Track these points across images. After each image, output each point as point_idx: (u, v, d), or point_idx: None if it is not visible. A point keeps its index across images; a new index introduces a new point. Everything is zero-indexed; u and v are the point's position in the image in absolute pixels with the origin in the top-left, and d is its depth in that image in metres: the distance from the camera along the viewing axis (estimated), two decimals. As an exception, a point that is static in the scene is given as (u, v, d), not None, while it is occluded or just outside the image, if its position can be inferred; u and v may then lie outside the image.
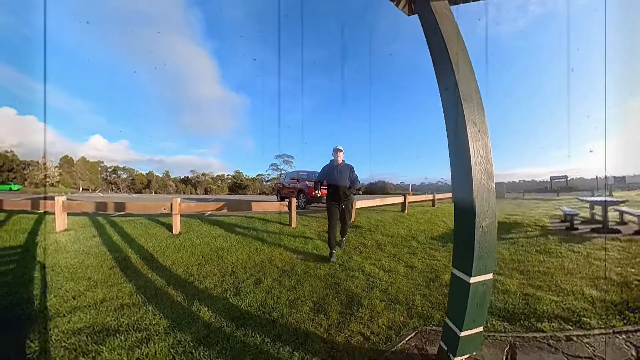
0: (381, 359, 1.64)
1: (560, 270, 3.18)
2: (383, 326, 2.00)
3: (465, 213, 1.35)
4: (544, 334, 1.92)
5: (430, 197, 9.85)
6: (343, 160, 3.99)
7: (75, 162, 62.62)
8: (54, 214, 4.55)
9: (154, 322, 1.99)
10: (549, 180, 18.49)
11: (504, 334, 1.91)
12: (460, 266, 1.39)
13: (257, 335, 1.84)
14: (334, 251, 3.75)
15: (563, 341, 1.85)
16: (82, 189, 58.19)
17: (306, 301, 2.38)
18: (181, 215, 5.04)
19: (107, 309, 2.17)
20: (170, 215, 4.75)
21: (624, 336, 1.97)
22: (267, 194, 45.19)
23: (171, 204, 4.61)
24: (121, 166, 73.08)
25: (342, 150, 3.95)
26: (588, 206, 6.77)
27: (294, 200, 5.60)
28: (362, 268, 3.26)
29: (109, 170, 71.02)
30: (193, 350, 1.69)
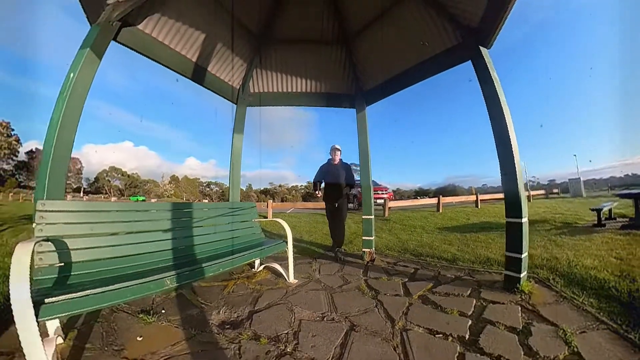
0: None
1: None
2: (356, 249, 5.12)
3: (363, 194, 4.50)
4: (426, 261, 3.85)
5: (473, 197, 11.64)
6: (340, 159, 4.26)
7: (180, 180, 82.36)
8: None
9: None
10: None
11: (404, 257, 4.28)
12: (362, 212, 4.49)
13: (304, 244, 5.34)
14: (339, 248, 4.22)
15: (431, 265, 3.62)
16: (185, 200, 75.24)
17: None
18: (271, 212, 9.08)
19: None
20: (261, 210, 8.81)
21: (472, 272, 3.10)
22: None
23: (267, 203, 8.66)
24: (213, 181, 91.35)
25: (339, 149, 4.21)
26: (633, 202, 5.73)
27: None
28: (367, 235, 6.36)
29: (203, 184, 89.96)
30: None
